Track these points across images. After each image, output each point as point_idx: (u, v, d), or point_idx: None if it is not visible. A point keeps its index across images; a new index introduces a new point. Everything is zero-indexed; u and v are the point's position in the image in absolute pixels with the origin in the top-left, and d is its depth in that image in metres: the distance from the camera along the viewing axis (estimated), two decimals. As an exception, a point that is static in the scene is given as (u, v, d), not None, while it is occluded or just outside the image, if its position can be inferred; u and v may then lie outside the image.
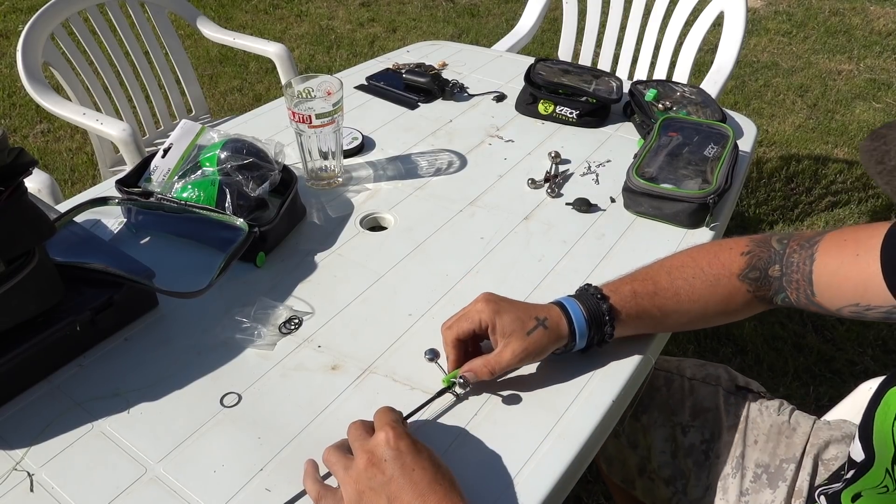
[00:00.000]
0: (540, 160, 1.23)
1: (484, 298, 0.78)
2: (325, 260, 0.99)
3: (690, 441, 0.97)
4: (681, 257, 0.84)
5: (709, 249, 0.84)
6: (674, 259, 0.84)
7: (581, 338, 0.78)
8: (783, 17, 4.19)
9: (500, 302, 0.77)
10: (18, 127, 3.01)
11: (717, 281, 0.81)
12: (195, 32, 2.14)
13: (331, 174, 1.14)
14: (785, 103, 3.27)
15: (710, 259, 0.82)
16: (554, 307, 0.79)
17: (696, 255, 0.83)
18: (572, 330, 0.77)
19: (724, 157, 1.10)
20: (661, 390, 1.01)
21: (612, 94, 1.34)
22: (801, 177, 2.65)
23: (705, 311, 0.82)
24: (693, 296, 0.80)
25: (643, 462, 1.00)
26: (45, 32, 1.68)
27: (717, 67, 1.91)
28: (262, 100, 3.22)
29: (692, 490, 0.96)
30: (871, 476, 0.68)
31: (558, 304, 0.79)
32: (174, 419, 0.74)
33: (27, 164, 0.73)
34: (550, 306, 0.79)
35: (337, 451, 0.66)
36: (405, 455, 0.62)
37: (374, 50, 3.75)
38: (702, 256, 0.83)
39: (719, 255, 0.82)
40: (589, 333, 0.78)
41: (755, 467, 0.92)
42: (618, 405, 0.77)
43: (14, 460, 0.69)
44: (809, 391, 1.80)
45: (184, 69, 1.98)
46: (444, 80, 1.46)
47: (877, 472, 0.67)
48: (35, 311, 0.76)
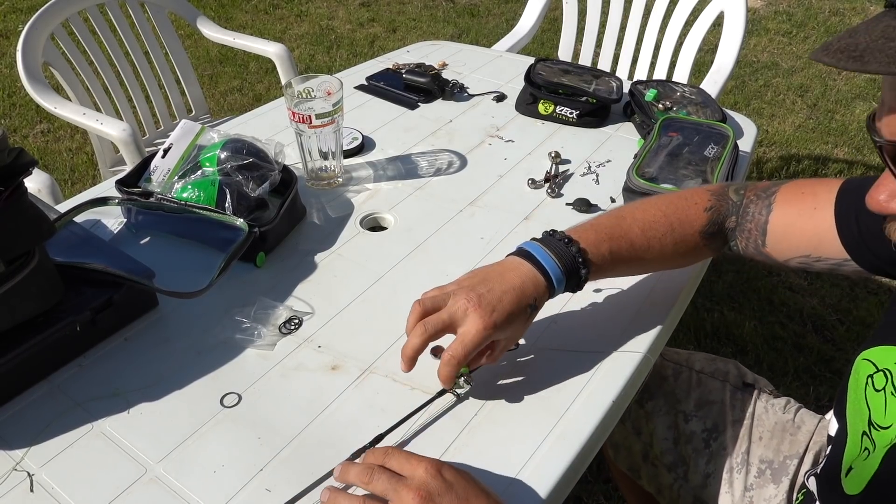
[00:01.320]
0: (540, 160, 1.23)
1: (476, 323, 0.70)
2: (325, 260, 0.99)
3: (692, 429, 0.98)
4: (652, 211, 0.84)
5: (676, 204, 0.85)
6: (646, 213, 0.83)
7: (559, 291, 0.77)
8: (783, 17, 4.19)
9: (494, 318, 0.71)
10: (18, 127, 3.01)
11: (684, 239, 0.83)
12: (195, 32, 2.14)
13: (331, 174, 1.14)
14: (785, 103, 3.27)
15: (679, 216, 0.83)
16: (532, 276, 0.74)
17: (666, 209, 0.84)
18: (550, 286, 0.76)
19: (724, 157, 1.10)
20: (668, 380, 1.02)
21: (612, 94, 1.34)
22: (801, 177, 2.66)
23: (663, 263, 0.86)
24: (662, 252, 0.83)
25: (646, 448, 1.02)
26: (45, 32, 1.68)
27: (717, 67, 1.91)
28: (262, 100, 3.22)
29: (693, 477, 0.97)
30: (850, 447, 0.70)
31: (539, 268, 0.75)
32: (174, 419, 0.74)
33: (27, 164, 0.73)
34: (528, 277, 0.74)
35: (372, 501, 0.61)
36: (456, 485, 0.61)
37: (374, 50, 3.75)
38: (672, 212, 0.84)
39: (687, 210, 0.84)
40: (566, 286, 0.78)
41: (759, 463, 0.94)
42: (618, 405, 0.77)
43: (14, 460, 0.69)
44: (809, 391, 1.80)
45: (184, 69, 1.98)
46: (444, 80, 1.46)
47: (853, 441, 0.69)
48: (35, 311, 0.76)
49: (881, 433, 0.64)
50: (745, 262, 2.23)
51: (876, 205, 0.56)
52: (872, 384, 0.66)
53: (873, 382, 0.66)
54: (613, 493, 1.54)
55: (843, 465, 0.70)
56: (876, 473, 0.64)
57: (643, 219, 0.82)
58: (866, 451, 0.66)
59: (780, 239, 0.81)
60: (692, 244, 0.84)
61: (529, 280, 0.74)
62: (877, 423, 0.65)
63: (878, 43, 0.47)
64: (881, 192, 0.55)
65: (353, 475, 0.63)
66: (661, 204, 0.85)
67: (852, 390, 0.70)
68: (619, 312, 0.88)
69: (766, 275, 2.18)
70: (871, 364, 0.67)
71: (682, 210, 0.84)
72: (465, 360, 0.71)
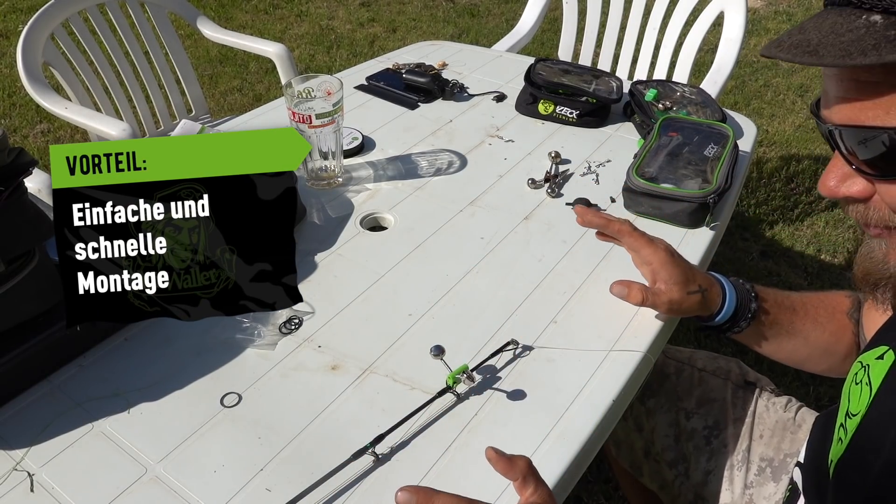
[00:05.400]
0: (540, 160, 1.23)
1: (664, 246, 0.84)
2: (325, 260, 0.99)
3: (693, 426, 0.99)
4: (804, 293, 0.92)
5: (821, 292, 0.93)
6: (801, 292, 0.92)
7: (719, 321, 0.83)
8: (783, 17, 4.19)
9: (675, 254, 0.84)
10: (18, 127, 3.01)
11: (833, 315, 0.88)
12: (195, 32, 2.14)
13: (331, 174, 1.14)
14: (785, 103, 3.27)
15: (824, 296, 0.91)
16: (715, 284, 0.84)
17: (814, 292, 0.92)
18: (718, 311, 0.83)
19: (724, 157, 1.10)
20: (670, 378, 1.02)
21: (612, 94, 1.34)
22: (801, 177, 2.65)
23: (818, 340, 0.88)
24: (818, 320, 0.87)
25: (648, 445, 1.02)
26: (45, 32, 1.68)
27: (717, 67, 1.91)
28: (262, 100, 3.22)
29: (693, 474, 0.97)
30: (834, 441, 0.70)
31: (718, 282, 0.85)
32: (174, 419, 0.74)
33: (27, 164, 0.73)
34: (713, 281, 0.84)
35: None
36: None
37: (374, 50, 3.75)
38: (819, 293, 0.91)
39: (829, 296, 0.90)
40: (727, 322, 0.83)
41: (760, 461, 0.94)
42: (618, 405, 0.77)
43: (14, 460, 0.69)
44: (810, 391, 1.80)
45: (184, 69, 1.98)
46: (444, 80, 1.46)
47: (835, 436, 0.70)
48: (35, 311, 0.76)
49: (852, 420, 0.65)
50: (743, 261, 2.23)
51: (827, 190, 0.59)
52: (854, 379, 0.68)
53: (855, 378, 0.68)
54: (614, 493, 1.54)
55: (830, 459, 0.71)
56: (842, 458, 0.66)
57: (799, 294, 0.91)
58: (840, 441, 0.67)
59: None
60: (842, 324, 0.87)
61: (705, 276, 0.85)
62: (850, 412, 0.66)
63: (829, 38, 0.50)
64: (831, 178, 0.59)
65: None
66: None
67: (843, 391, 0.71)
68: (619, 312, 0.88)
69: (766, 274, 2.18)
70: (860, 364, 0.68)
71: (825, 295, 0.91)
72: None
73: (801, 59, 0.51)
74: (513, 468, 0.59)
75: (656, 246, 0.83)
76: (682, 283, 0.82)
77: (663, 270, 0.82)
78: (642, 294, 0.81)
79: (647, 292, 0.81)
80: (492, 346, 0.82)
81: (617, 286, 0.83)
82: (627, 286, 0.82)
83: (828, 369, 0.91)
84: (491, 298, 0.92)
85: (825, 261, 2.27)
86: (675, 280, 0.81)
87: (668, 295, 0.81)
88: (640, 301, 0.81)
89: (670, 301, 0.81)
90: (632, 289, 0.82)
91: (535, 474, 0.60)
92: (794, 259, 2.27)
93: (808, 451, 0.80)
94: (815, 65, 0.51)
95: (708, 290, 0.83)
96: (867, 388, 0.65)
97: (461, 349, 0.83)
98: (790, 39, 0.53)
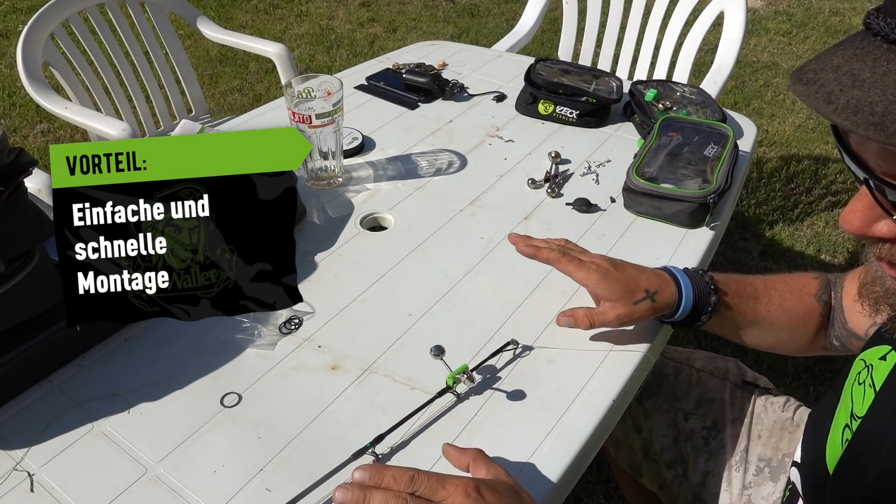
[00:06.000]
0: (540, 160, 1.23)
1: (597, 265, 0.81)
2: (325, 260, 0.99)
3: (691, 427, 0.99)
4: (770, 277, 0.90)
5: (788, 274, 0.92)
6: (766, 276, 0.90)
7: (678, 318, 0.82)
8: (783, 17, 4.19)
9: (609, 270, 0.81)
10: (18, 127, 3.01)
11: (800, 298, 0.87)
12: (195, 32, 2.14)
13: (331, 174, 1.14)
14: (785, 103, 3.27)
15: (790, 278, 0.89)
16: (668, 283, 0.82)
17: (780, 275, 0.91)
18: (675, 308, 0.81)
19: (724, 157, 1.10)
20: (668, 378, 1.02)
21: (612, 94, 1.34)
22: (801, 177, 2.65)
23: (785, 325, 0.87)
24: (783, 305, 0.86)
25: (646, 445, 1.02)
26: (45, 32, 1.68)
27: (717, 67, 1.91)
28: (262, 100, 3.22)
29: (692, 475, 0.97)
30: (832, 441, 0.71)
31: (673, 277, 0.83)
32: (174, 419, 0.74)
33: (27, 164, 0.73)
34: (664, 280, 0.82)
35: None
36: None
37: (374, 50, 3.75)
38: (786, 276, 0.90)
39: (796, 277, 0.90)
40: (688, 317, 0.82)
41: (758, 461, 0.94)
42: (618, 405, 0.77)
43: (14, 460, 0.69)
44: (810, 391, 1.80)
45: (184, 69, 1.98)
46: (444, 80, 1.46)
47: (834, 437, 0.70)
48: (35, 311, 0.76)
49: (857, 422, 0.65)
50: (743, 261, 2.23)
51: (853, 228, 0.52)
52: (857, 379, 0.68)
53: (858, 377, 0.67)
54: (613, 493, 1.54)
55: (827, 459, 0.71)
56: (841, 461, 0.66)
57: (764, 277, 0.89)
58: (846, 442, 0.67)
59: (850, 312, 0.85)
60: (809, 308, 0.87)
61: (654, 275, 0.82)
62: (856, 415, 0.66)
63: (893, 107, 0.41)
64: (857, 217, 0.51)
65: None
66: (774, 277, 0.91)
67: (845, 389, 0.71)
68: (619, 312, 0.88)
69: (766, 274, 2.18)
70: (863, 363, 0.68)
71: (793, 276, 0.90)
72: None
73: (865, 131, 0.42)
74: (462, 455, 0.64)
75: (588, 268, 0.81)
76: (625, 296, 0.79)
77: (600, 290, 0.80)
78: (588, 319, 0.80)
79: (591, 315, 0.80)
80: (492, 346, 0.82)
81: (563, 318, 0.82)
82: (572, 315, 0.81)
83: (796, 351, 0.91)
84: (491, 298, 0.92)
85: (825, 261, 2.27)
86: (616, 296, 0.79)
87: (614, 311, 0.80)
88: (587, 326, 0.81)
89: (617, 316, 0.80)
90: (576, 317, 0.81)
91: (485, 459, 0.63)
92: (794, 259, 2.27)
93: (803, 450, 0.81)
94: (886, 143, 0.42)
95: (658, 292, 0.80)
96: (871, 390, 0.64)
97: (461, 349, 0.83)
98: (844, 96, 0.43)
